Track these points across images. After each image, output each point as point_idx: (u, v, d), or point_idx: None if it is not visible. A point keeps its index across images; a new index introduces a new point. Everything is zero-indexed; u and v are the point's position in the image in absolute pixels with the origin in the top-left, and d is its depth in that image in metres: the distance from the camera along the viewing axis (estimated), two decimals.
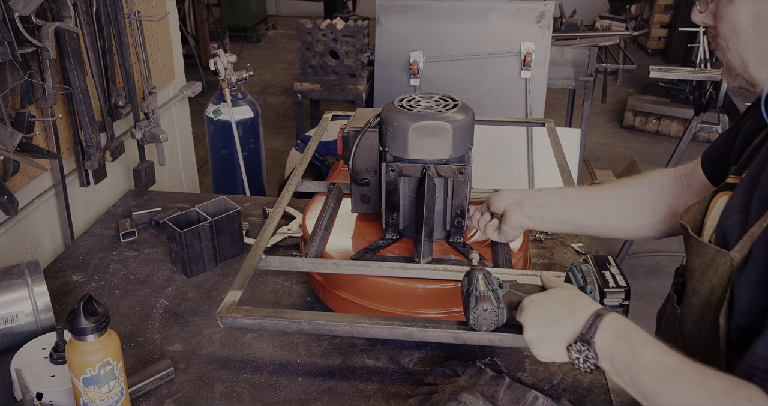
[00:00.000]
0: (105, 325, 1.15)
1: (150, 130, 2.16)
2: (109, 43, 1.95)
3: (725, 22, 1.02)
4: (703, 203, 1.14)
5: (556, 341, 1.06)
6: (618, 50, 4.49)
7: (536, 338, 1.08)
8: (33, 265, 1.48)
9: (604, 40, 3.81)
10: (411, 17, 3.40)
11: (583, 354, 1.02)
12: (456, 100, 1.51)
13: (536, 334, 1.08)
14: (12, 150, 1.50)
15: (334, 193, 1.70)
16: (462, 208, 1.52)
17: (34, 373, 1.29)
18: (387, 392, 1.35)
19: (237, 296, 1.35)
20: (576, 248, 1.86)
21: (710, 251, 1.03)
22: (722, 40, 1.04)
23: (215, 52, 2.83)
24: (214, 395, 1.34)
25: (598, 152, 5.37)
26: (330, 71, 3.93)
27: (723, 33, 1.03)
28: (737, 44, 1.01)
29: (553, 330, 1.06)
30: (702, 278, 1.06)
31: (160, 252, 1.84)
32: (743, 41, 1.00)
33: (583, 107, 3.94)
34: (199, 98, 3.32)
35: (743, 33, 1.00)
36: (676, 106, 5.60)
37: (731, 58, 1.04)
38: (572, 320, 1.05)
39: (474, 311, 1.16)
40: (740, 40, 1.01)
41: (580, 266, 1.27)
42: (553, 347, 1.07)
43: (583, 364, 1.03)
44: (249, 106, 3.03)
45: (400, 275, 1.42)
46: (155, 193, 2.20)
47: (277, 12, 9.61)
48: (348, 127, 1.60)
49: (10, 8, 1.47)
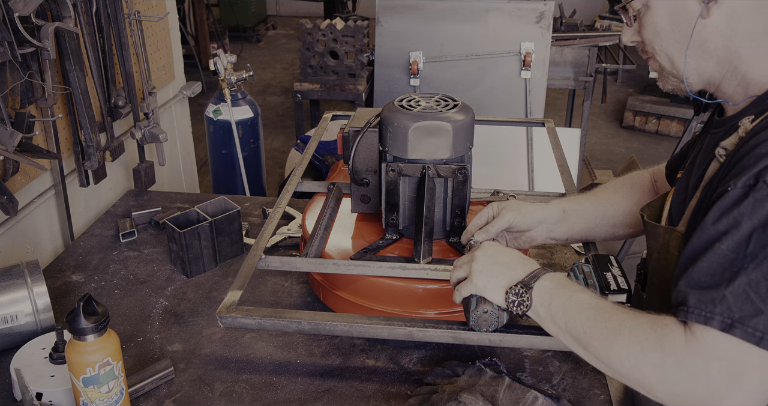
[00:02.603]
0: (105, 325, 1.15)
1: (150, 130, 2.16)
2: (108, 43, 1.95)
3: (647, 27, 1.14)
4: (661, 199, 1.27)
5: (499, 280, 1.15)
6: (618, 50, 4.48)
7: (482, 270, 1.17)
8: (33, 265, 1.48)
9: (604, 40, 3.81)
10: (411, 17, 3.40)
11: (520, 297, 1.12)
12: (456, 101, 1.51)
13: (484, 267, 1.17)
14: (12, 150, 1.50)
15: (334, 193, 1.70)
16: (462, 208, 1.52)
17: (33, 373, 1.29)
18: (387, 392, 1.35)
19: (237, 296, 1.35)
20: (576, 248, 1.86)
21: (661, 230, 1.17)
22: (649, 47, 1.16)
23: (215, 52, 2.83)
24: (214, 395, 1.34)
25: (598, 152, 5.37)
26: (330, 71, 3.93)
27: (648, 39, 1.15)
28: (661, 43, 1.14)
29: (501, 270, 1.16)
30: (659, 257, 1.18)
31: (160, 252, 1.84)
32: (665, 38, 1.13)
33: (582, 107, 3.94)
34: (199, 98, 3.32)
35: (663, 31, 1.12)
36: (675, 106, 5.60)
37: (660, 60, 1.16)
38: (519, 269, 1.15)
39: (474, 313, 1.16)
40: (662, 38, 1.13)
41: (581, 267, 1.28)
42: (493, 283, 1.16)
43: (517, 307, 1.13)
44: (249, 106, 3.03)
45: (399, 275, 1.42)
46: (155, 194, 2.20)
47: (277, 12, 9.61)
48: (348, 127, 1.60)
49: (10, 8, 1.47)
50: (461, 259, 1.24)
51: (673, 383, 0.94)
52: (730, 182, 0.97)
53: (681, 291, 0.97)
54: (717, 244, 0.94)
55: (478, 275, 1.17)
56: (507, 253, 1.20)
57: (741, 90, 1.11)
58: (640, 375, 0.97)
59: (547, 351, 1.45)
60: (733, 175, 0.98)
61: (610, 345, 1.00)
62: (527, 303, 1.11)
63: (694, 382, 0.93)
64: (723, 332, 0.91)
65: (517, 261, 1.18)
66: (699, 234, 0.98)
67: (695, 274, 0.96)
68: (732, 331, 0.90)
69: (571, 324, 1.06)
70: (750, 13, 1.07)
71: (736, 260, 0.93)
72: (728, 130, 1.11)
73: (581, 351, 1.07)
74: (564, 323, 1.07)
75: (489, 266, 1.17)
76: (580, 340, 1.05)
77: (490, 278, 1.16)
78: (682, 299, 0.96)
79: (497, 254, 1.19)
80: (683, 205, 1.13)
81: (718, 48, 1.09)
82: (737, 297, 0.91)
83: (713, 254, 0.94)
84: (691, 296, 0.95)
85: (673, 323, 0.97)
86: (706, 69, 1.12)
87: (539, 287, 1.11)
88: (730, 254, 0.93)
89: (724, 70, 1.11)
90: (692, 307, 0.94)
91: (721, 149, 1.06)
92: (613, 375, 1.03)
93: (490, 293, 1.16)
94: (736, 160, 0.99)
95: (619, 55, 4.40)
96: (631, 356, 0.98)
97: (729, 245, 0.93)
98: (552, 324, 1.10)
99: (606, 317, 1.03)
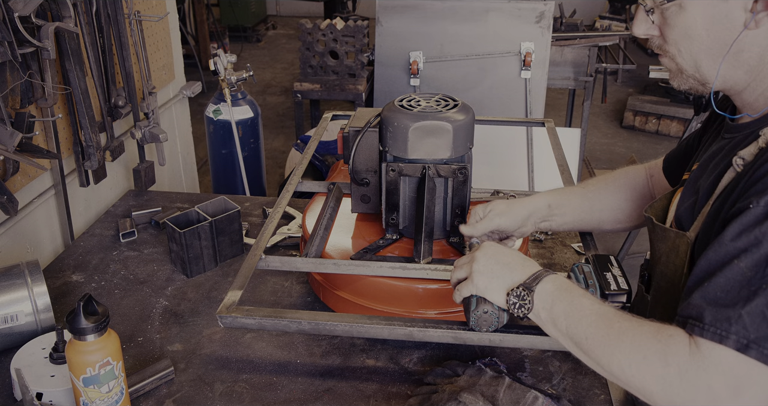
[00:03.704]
0: (105, 325, 1.15)
1: (150, 130, 2.16)
2: (108, 43, 1.95)
3: (676, 28, 1.08)
4: (665, 199, 1.26)
5: (500, 281, 1.15)
6: (618, 50, 4.48)
7: (483, 271, 1.17)
8: (33, 265, 1.48)
9: (604, 40, 3.81)
10: (411, 17, 3.40)
11: (521, 300, 1.11)
12: (456, 100, 1.51)
13: (484, 268, 1.17)
14: (12, 150, 1.50)
15: (334, 193, 1.70)
16: (462, 208, 1.52)
17: (34, 373, 1.29)
18: (387, 392, 1.35)
19: (237, 295, 1.35)
20: (576, 247, 1.86)
21: (671, 234, 1.15)
22: (672, 47, 1.10)
23: (215, 52, 2.83)
24: (214, 395, 1.34)
25: (598, 152, 5.37)
26: (330, 71, 3.93)
27: (674, 40, 1.09)
28: (690, 47, 1.08)
29: (502, 271, 1.16)
30: (667, 261, 1.17)
31: (160, 252, 1.84)
32: (697, 44, 1.07)
33: (582, 107, 3.94)
34: (199, 98, 3.32)
35: (697, 36, 1.06)
36: (675, 106, 5.60)
37: (682, 62, 1.10)
38: (520, 270, 1.15)
39: (474, 313, 1.16)
40: (694, 43, 1.07)
41: (582, 267, 1.27)
42: (494, 284, 1.15)
43: (518, 310, 1.12)
44: (249, 106, 3.03)
45: (400, 275, 1.42)
46: (155, 193, 2.20)
47: (277, 12, 9.61)
48: (348, 127, 1.60)
49: (10, 8, 1.47)
50: (462, 259, 1.24)
51: (675, 394, 0.94)
52: (752, 199, 0.95)
53: (695, 305, 0.96)
54: (735, 260, 0.94)
55: (478, 275, 1.17)
56: (508, 253, 1.19)
57: (763, 99, 1.08)
58: (641, 384, 0.97)
59: (547, 351, 1.45)
60: (756, 192, 0.96)
61: (611, 353, 1.00)
62: (528, 306, 1.11)
63: (695, 394, 0.93)
64: (738, 351, 0.91)
65: (518, 262, 1.17)
66: (716, 249, 0.97)
67: (711, 288, 0.95)
68: (747, 352, 0.90)
69: (572, 329, 1.06)
70: None
71: (754, 279, 0.92)
72: (746, 137, 1.08)
73: (582, 356, 1.06)
74: (565, 327, 1.07)
75: (490, 267, 1.17)
76: (582, 345, 1.05)
77: (490, 279, 1.16)
78: (696, 314, 0.95)
79: (498, 255, 1.18)
80: (693, 210, 1.11)
81: (752, 58, 1.05)
82: (754, 318, 0.90)
83: (731, 270, 0.94)
84: (707, 312, 0.94)
85: (678, 334, 0.96)
86: (733, 76, 1.08)
87: (541, 289, 1.11)
88: (748, 272, 0.92)
89: (751, 79, 1.08)
90: (708, 324, 0.93)
91: (739, 159, 1.04)
92: (614, 381, 1.03)
93: (490, 294, 1.16)
94: (760, 175, 0.97)
95: (619, 55, 4.40)
96: (633, 365, 0.97)
97: (748, 263, 0.93)
98: (553, 328, 1.10)
99: (608, 324, 1.02)
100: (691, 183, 1.16)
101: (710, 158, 1.15)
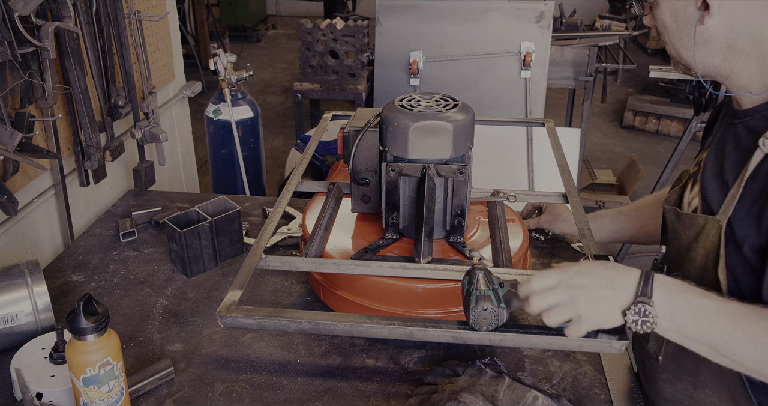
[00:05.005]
0: (105, 325, 1.15)
1: (150, 130, 2.16)
2: (108, 43, 1.95)
3: (658, 21, 1.22)
4: (678, 190, 1.31)
5: (608, 302, 1.06)
6: (618, 50, 4.48)
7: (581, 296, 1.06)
8: (33, 265, 1.48)
9: (604, 40, 3.81)
10: (411, 17, 3.40)
11: (643, 316, 1.03)
12: (456, 100, 1.51)
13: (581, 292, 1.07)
14: (12, 150, 1.50)
15: (334, 193, 1.70)
16: (462, 208, 1.52)
17: (34, 373, 1.29)
18: (387, 391, 1.35)
19: (237, 295, 1.35)
20: (576, 247, 1.86)
21: (700, 220, 1.18)
22: (662, 36, 1.24)
23: (215, 52, 2.83)
24: (214, 395, 1.34)
25: (598, 152, 5.37)
26: (330, 71, 3.93)
27: (660, 30, 1.22)
28: (669, 37, 1.21)
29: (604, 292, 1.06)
30: (697, 247, 1.19)
31: (160, 252, 1.84)
32: (671, 34, 1.20)
33: (582, 107, 3.94)
34: (199, 98, 3.32)
35: (669, 27, 1.19)
36: (675, 106, 5.60)
37: (670, 50, 1.23)
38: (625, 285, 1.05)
39: (474, 311, 1.16)
40: (669, 33, 1.20)
41: None
42: (602, 306, 1.06)
43: (642, 326, 1.03)
44: (249, 106, 3.03)
45: (400, 274, 1.42)
46: (155, 193, 2.20)
47: (277, 12, 9.62)
48: (348, 127, 1.60)
49: (10, 8, 1.47)
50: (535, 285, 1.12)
51: None
52: None
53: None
54: None
55: (579, 301, 1.06)
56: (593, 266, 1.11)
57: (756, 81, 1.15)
58: None
59: (547, 351, 1.45)
60: None
61: (759, 353, 0.99)
62: (653, 320, 1.03)
63: None
64: None
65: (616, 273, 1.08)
66: None
67: None
68: None
69: (705, 335, 1.02)
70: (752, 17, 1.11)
71: None
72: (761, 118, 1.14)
73: (720, 358, 1.03)
74: (696, 334, 1.03)
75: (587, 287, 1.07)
76: (720, 349, 1.02)
77: (595, 302, 1.06)
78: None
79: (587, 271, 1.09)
80: (720, 193, 1.15)
81: (722, 47, 1.14)
82: None
83: None
84: None
85: None
86: (711, 63, 1.17)
87: (658, 298, 1.04)
88: None
89: (731, 65, 1.16)
90: None
91: (765, 139, 1.08)
92: (765, 380, 1.02)
93: (599, 318, 1.07)
94: None
95: (619, 55, 4.40)
96: None
97: None
98: (678, 335, 1.05)
99: (745, 323, 1.00)
100: (712, 165, 1.20)
101: (721, 144, 1.21)
